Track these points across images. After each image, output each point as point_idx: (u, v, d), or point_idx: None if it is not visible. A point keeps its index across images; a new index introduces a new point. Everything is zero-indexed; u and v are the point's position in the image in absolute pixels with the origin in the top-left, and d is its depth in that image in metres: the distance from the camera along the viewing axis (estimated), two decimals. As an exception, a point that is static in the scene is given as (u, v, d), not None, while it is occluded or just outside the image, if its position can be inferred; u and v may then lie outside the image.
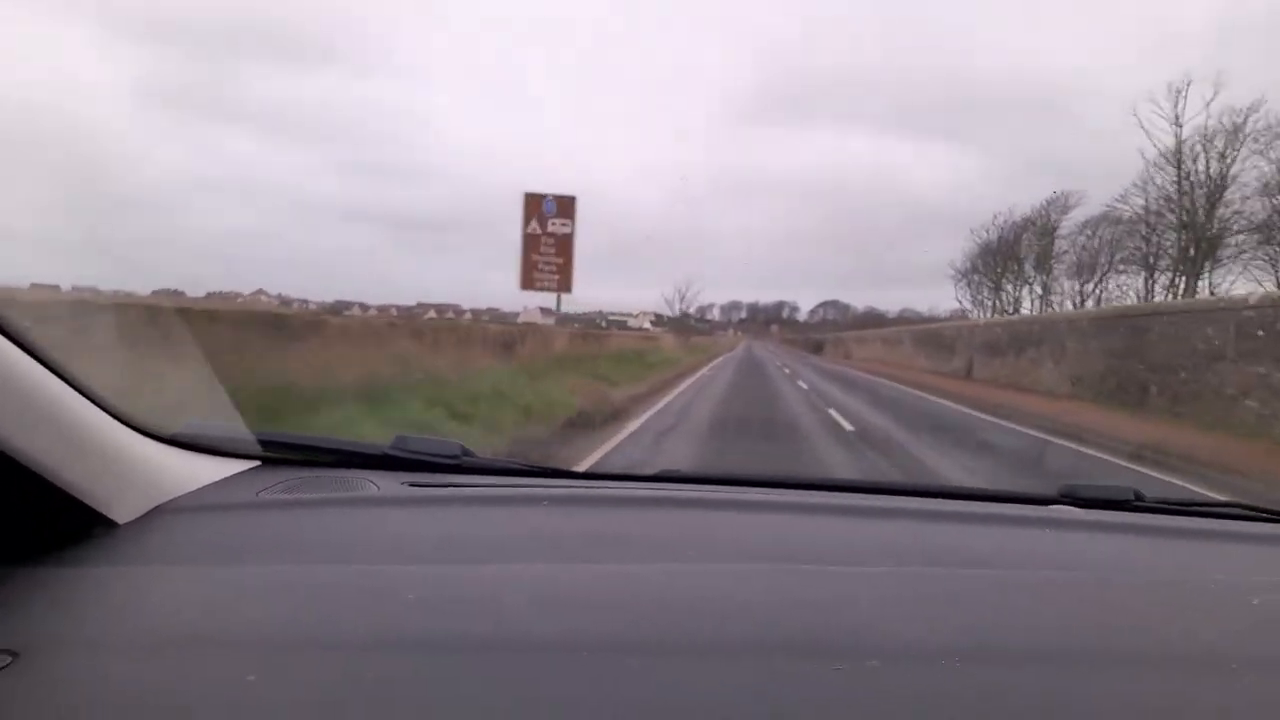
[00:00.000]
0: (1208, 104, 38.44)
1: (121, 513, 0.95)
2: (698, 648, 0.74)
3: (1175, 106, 39.46)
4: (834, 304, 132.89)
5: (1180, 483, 8.09)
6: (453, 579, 0.88)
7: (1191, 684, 0.71)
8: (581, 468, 5.06)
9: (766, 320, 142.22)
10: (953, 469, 8.20)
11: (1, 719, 0.58)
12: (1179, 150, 41.33)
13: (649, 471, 1.58)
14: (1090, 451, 10.51)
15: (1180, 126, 39.87)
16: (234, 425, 1.36)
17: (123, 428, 1.00)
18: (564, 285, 19.22)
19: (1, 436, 0.77)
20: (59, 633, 0.70)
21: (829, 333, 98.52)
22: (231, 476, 1.21)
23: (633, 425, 10.02)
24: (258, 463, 1.29)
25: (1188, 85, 38.93)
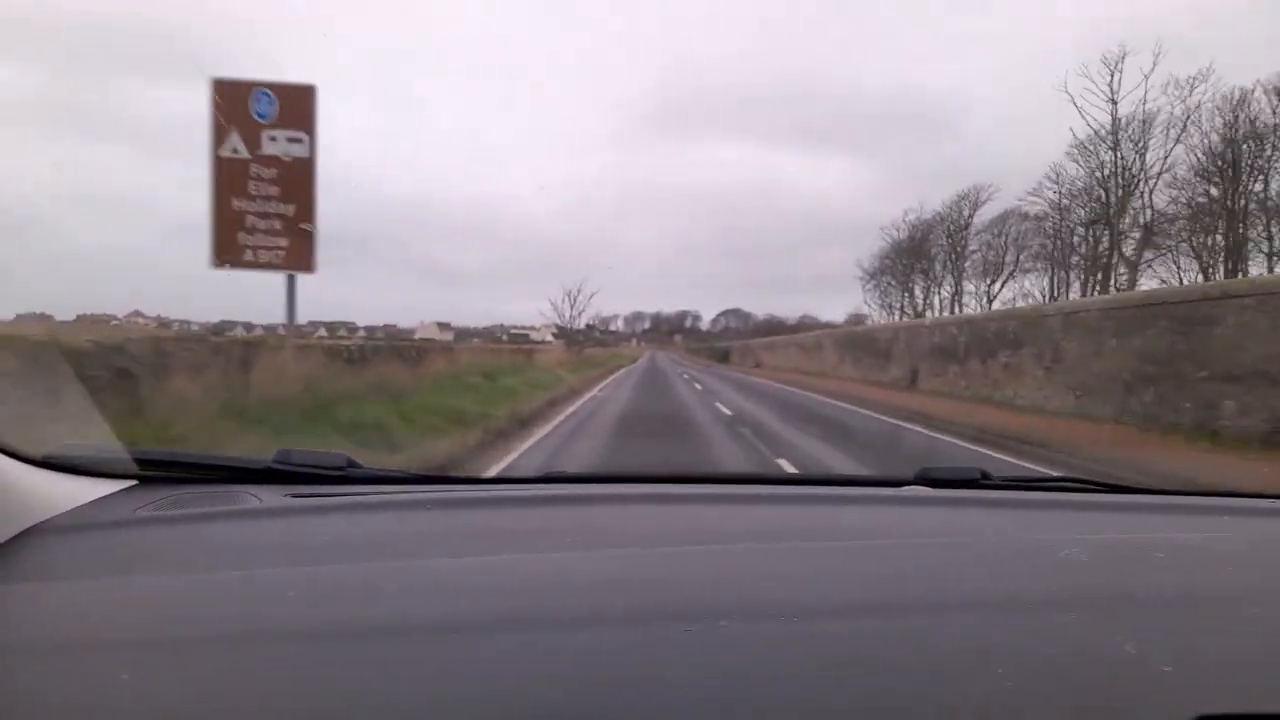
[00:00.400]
0: (1145, 76, 35.49)
1: None
2: (563, 622, 0.78)
3: (1111, 81, 36.49)
4: (735, 312, 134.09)
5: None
6: (332, 576, 0.89)
7: (1000, 622, 0.81)
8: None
9: (670, 330, 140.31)
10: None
11: None
12: (1098, 135, 38.21)
13: (535, 474, 1.82)
14: None
15: (1115, 104, 36.93)
16: (109, 445, 1.35)
17: None
18: (298, 260, 9.01)
19: None
20: None
21: (732, 340, 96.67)
22: (107, 496, 1.20)
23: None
24: (135, 482, 1.28)
25: (1123, 58, 36.08)
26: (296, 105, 9.01)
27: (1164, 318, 12.66)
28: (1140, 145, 36.39)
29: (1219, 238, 34.22)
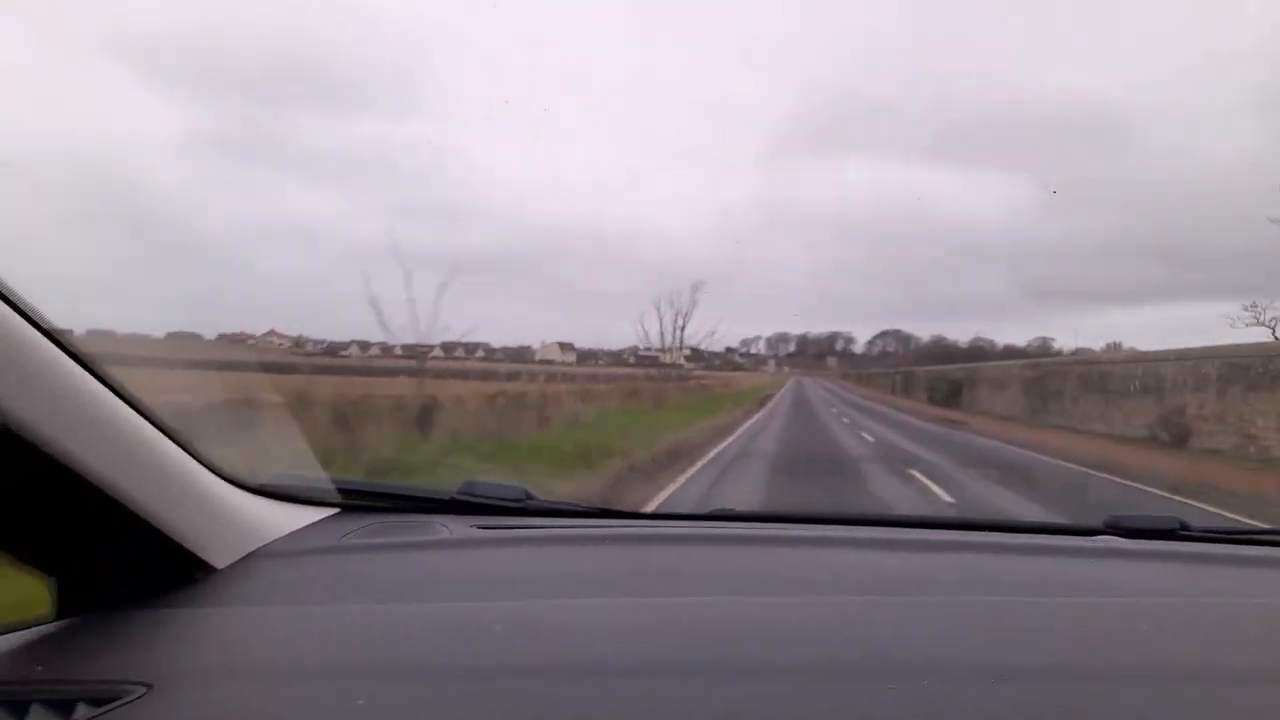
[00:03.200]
0: None
1: (220, 559, 1.04)
2: (761, 672, 0.80)
3: None
4: (894, 334, 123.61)
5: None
6: (530, 612, 0.96)
7: (1223, 699, 0.77)
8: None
9: (818, 353, 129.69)
10: None
11: None
12: None
13: (704, 511, 1.79)
14: None
15: None
16: (315, 475, 1.46)
17: (217, 478, 1.09)
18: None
19: (111, 484, 0.85)
20: (183, 667, 0.79)
21: (892, 366, 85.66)
22: (315, 523, 1.31)
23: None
24: (337, 509, 1.39)
25: None
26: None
27: None
28: None
29: None
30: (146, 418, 0.93)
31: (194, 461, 1.03)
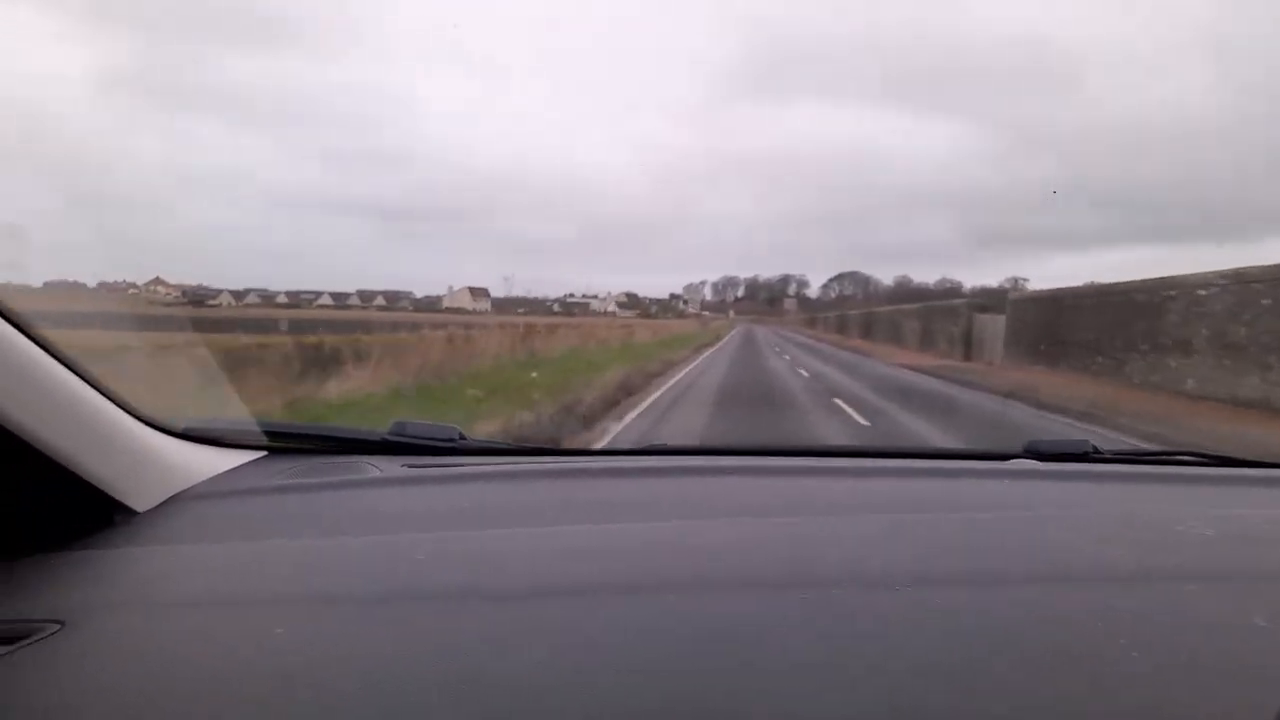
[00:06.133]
0: None
1: (141, 502, 1.05)
2: (684, 586, 0.84)
3: None
4: (852, 276, 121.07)
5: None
6: (458, 541, 0.99)
7: (1121, 594, 0.84)
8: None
9: (769, 298, 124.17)
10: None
11: (55, 678, 0.68)
12: None
13: (638, 446, 1.85)
14: None
15: None
16: (241, 418, 1.50)
17: (136, 422, 1.10)
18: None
19: (29, 430, 0.86)
20: (97, 603, 0.80)
21: (849, 309, 76.15)
22: (241, 466, 1.33)
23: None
24: (264, 453, 1.40)
25: None
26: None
27: None
28: None
29: None
30: (60, 360, 0.94)
31: (112, 405, 1.03)
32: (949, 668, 0.68)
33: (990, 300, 30.77)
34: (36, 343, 0.90)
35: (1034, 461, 1.54)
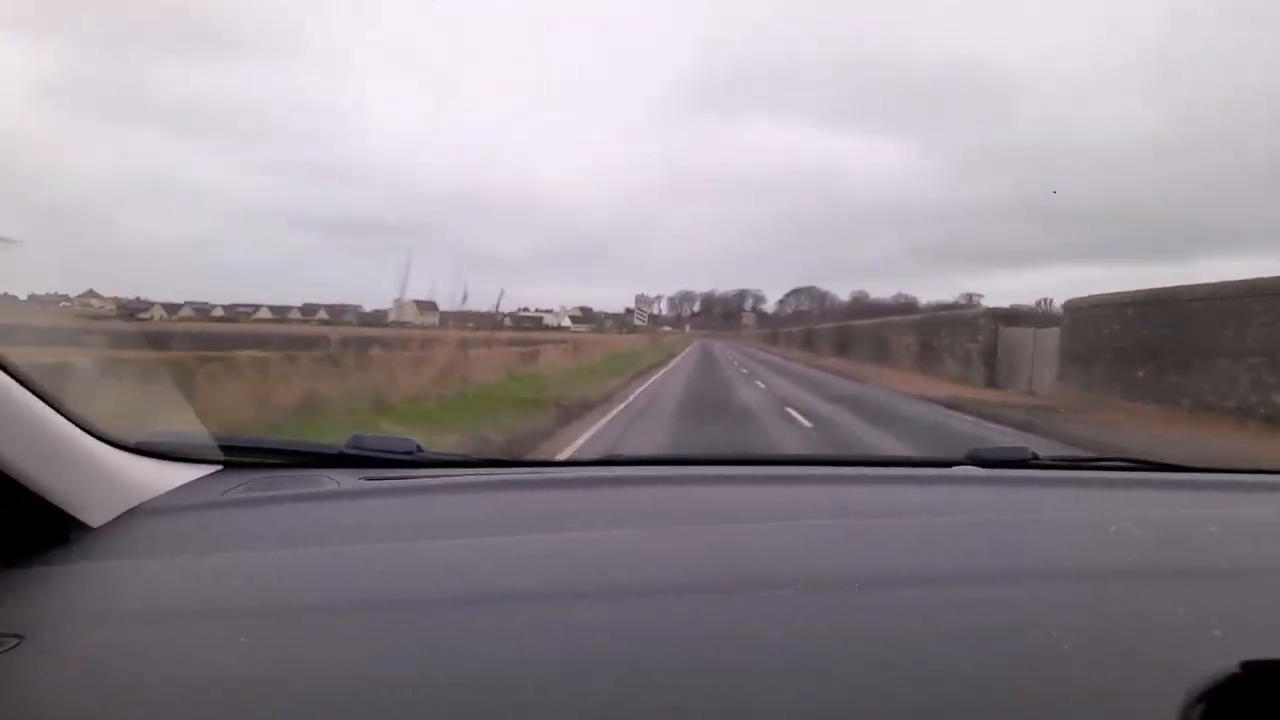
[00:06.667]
0: None
1: (95, 517, 1.05)
2: (635, 591, 0.87)
3: None
4: (808, 291, 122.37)
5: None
6: (416, 552, 1.00)
7: (1055, 591, 0.89)
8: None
9: (726, 313, 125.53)
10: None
11: (16, 691, 0.68)
12: None
13: (592, 457, 1.98)
14: None
15: None
16: (196, 432, 1.47)
17: (90, 437, 1.10)
18: None
19: None
20: (57, 617, 0.81)
21: (809, 324, 75.75)
22: (197, 480, 1.32)
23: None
24: (220, 467, 1.39)
25: None
26: None
27: None
28: None
29: None
30: (11, 374, 0.94)
31: (64, 420, 1.03)
32: (900, 664, 0.72)
33: (1013, 311, 24.22)
34: None
35: (976, 468, 1.58)
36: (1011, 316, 22.97)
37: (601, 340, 46.51)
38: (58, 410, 1.02)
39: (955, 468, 1.58)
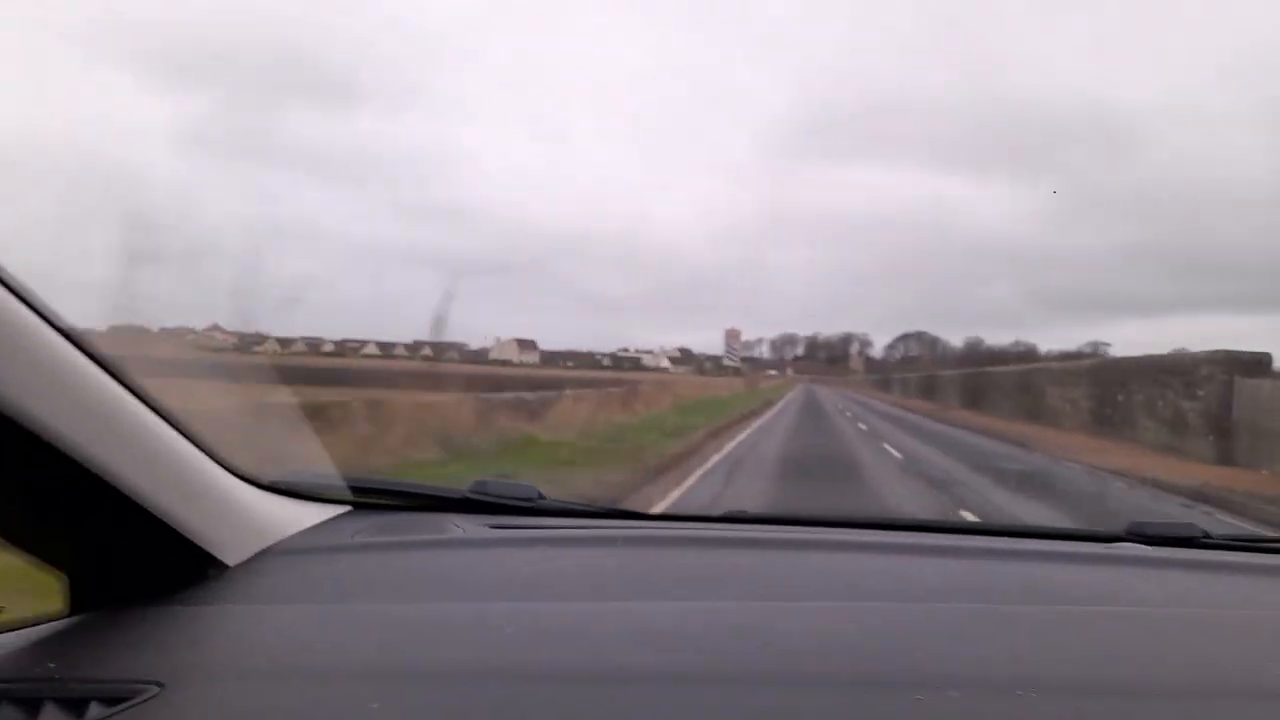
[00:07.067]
0: None
1: (231, 556, 1.06)
2: (777, 679, 0.82)
3: None
4: (917, 336, 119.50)
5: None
6: (544, 614, 1.00)
7: (1247, 714, 0.79)
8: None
9: (830, 357, 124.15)
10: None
11: None
12: None
13: (717, 513, 1.74)
14: None
15: None
16: (327, 472, 1.48)
17: (227, 474, 1.11)
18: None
19: (124, 481, 0.88)
20: (195, 665, 0.83)
21: (909, 372, 73.12)
22: (327, 521, 1.34)
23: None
24: (349, 507, 1.42)
25: None
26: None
27: None
28: None
29: None
30: (158, 413, 0.95)
31: (206, 458, 1.05)
32: None
33: (1257, 358, 16.96)
34: (126, 387, 0.90)
35: (1139, 546, 1.45)
36: (1255, 363, 16.89)
37: (687, 384, 42.26)
38: (196, 444, 1.02)
39: (1117, 545, 1.47)
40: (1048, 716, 0.75)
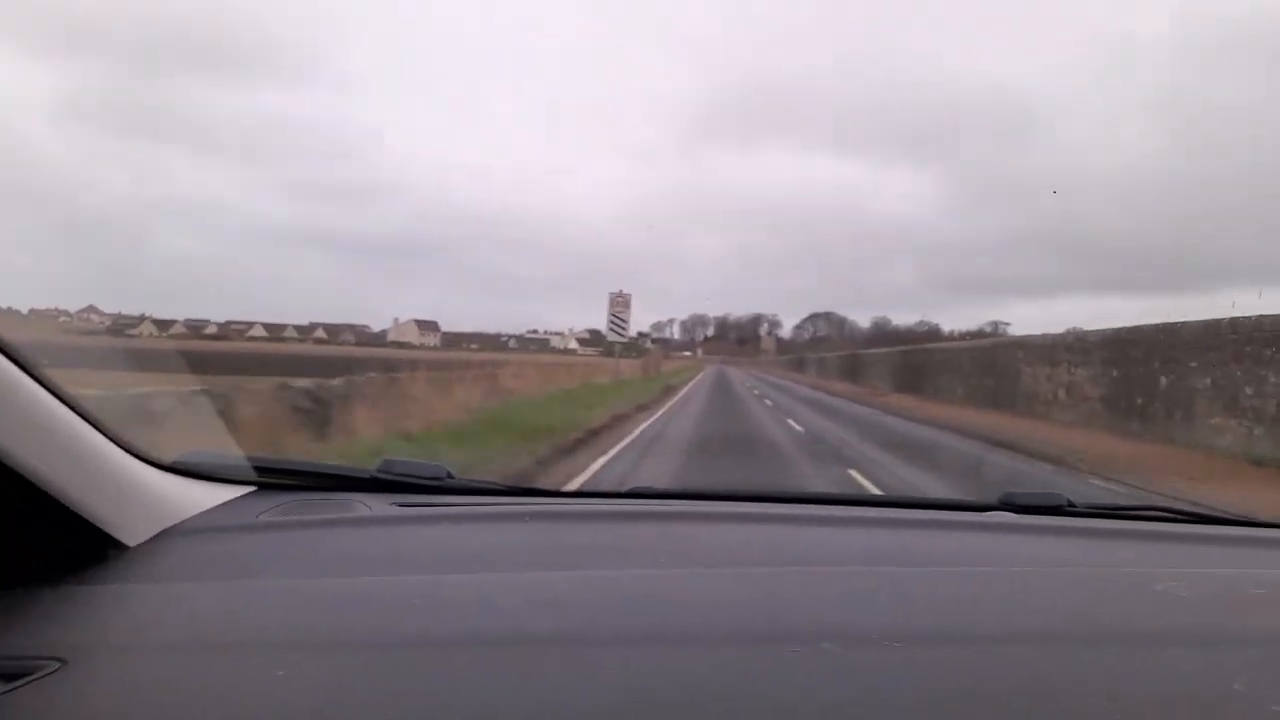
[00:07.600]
0: None
1: (131, 536, 1.05)
2: (668, 639, 0.86)
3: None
4: (826, 316, 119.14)
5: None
6: (451, 585, 1.01)
7: (1098, 655, 0.84)
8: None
9: (740, 338, 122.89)
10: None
11: (59, 718, 0.69)
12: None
13: (624, 489, 1.86)
14: None
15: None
16: (230, 453, 1.48)
17: (127, 455, 1.10)
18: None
19: (21, 462, 0.87)
20: (96, 642, 0.82)
21: (822, 352, 74.46)
22: (230, 501, 1.33)
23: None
24: (253, 488, 1.41)
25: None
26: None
27: None
28: None
29: None
30: (53, 393, 0.95)
31: (102, 437, 1.04)
32: None
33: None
34: (20, 366, 0.89)
35: (1010, 514, 1.55)
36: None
37: (566, 366, 32.77)
38: (95, 426, 1.02)
39: (989, 513, 1.56)
40: (913, 663, 0.81)
